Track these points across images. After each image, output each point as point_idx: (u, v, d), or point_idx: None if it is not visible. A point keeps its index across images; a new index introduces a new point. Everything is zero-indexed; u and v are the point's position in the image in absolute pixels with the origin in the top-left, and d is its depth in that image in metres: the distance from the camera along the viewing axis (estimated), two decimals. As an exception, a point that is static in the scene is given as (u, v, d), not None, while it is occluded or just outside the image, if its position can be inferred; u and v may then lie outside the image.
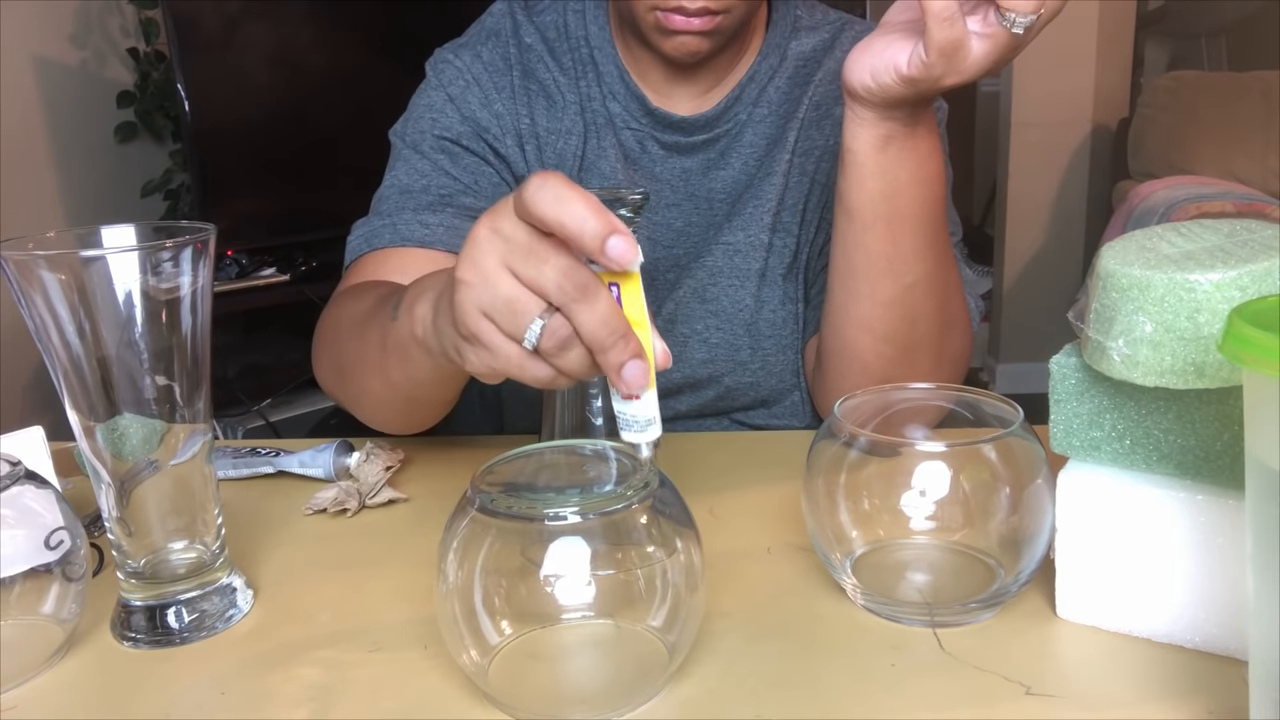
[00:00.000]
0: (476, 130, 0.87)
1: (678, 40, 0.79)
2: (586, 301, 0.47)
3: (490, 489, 0.47)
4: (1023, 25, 0.60)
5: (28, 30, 2.28)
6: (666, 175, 0.89)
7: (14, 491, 0.52)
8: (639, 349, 0.48)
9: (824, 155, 0.88)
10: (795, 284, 0.89)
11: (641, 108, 0.88)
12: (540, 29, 0.90)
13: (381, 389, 0.71)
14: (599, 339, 0.48)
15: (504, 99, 0.88)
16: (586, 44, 0.89)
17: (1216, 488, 0.49)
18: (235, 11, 2.23)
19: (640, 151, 0.89)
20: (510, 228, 0.48)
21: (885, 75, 0.66)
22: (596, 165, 0.88)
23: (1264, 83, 2.82)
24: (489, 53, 0.89)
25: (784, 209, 0.88)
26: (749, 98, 0.88)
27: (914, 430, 0.59)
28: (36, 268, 0.49)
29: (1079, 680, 0.49)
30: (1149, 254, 0.47)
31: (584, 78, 0.89)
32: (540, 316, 0.48)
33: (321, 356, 0.82)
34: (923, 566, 0.57)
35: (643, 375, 0.48)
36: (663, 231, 0.88)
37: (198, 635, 0.56)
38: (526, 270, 0.48)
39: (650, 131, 0.88)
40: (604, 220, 0.46)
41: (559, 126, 0.88)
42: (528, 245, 0.48)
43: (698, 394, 0.90)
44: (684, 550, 0.48)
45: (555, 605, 0.46)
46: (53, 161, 2.37)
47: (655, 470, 0.49)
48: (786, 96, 0.89)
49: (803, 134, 0.88)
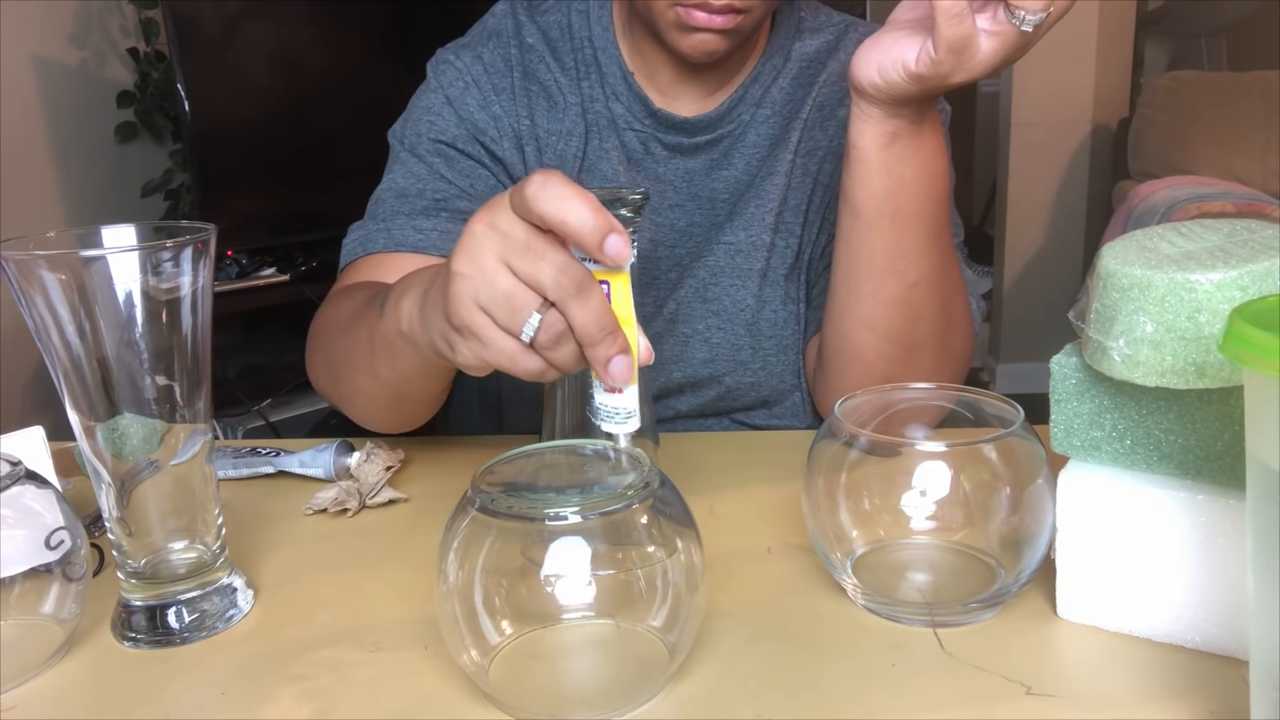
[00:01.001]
0: (473, 133, 0.87)
1: (697, 38, 0.79)
2: (581, 298, 0.49)
3: (490, 489, 0.47)
4: (1031, 23, 0.60)
5: (28, 30, 2.28)
6: (669, 176, 0.89)
7: (14, 491, 0.52)
8: (625, 345, 0.51)
9: (827, 156, 0.88)
10: (797, 284, 0.89)
11: (644, 109, 0.87)
12: (543, 29, 0.90)
13: (370, 386, 0.72)
14: (590, 334, 0.50)
15: (503, 101, 0.88)
16: (590, 44, 0.89)
17: (1217, 488, 0.49)
18: (235, 11, 2.23)
19: (643, 153, 0.89)
20: (508, 223, 0.50)
21: (893, 72, 0.66)
22: (598, 166, 0.88)
23: (1264, 83, 2.82)
24: (490, 54, 0.89)
25: (786, 209, 0.88)
26: (752, 98, 0.88)
27: (914, 430, 0.59)
28: (36, 268, 0.49)
29: (1079, 680, 0.49)
30: (1150, 254, 0.47)
31: (586, 78, 0.89)
32: (538, 311, 0.50)
33: (314, 357, 0.82)
34: (923, 566, 0.57)
35: (628, 370, 0.51)
36: (665, 231, 0.88)
37: (198, 635, 0.56)
38: (524, 266, 0.49)
39: (653, 132, 0.88)
40: (604, 219, 0.48)
41: (560, 128, 0.88)
42: (525, 241, 0.49)
43: (699, 394, 0.90)
44: (684, 550, 0.48)
45: (555, 605, 0.46)
46: (53, 161, 2.37)
47: (656, 470, 0.49)
48: (790, 97, 0.89)
49: (806, 134, 0.88)
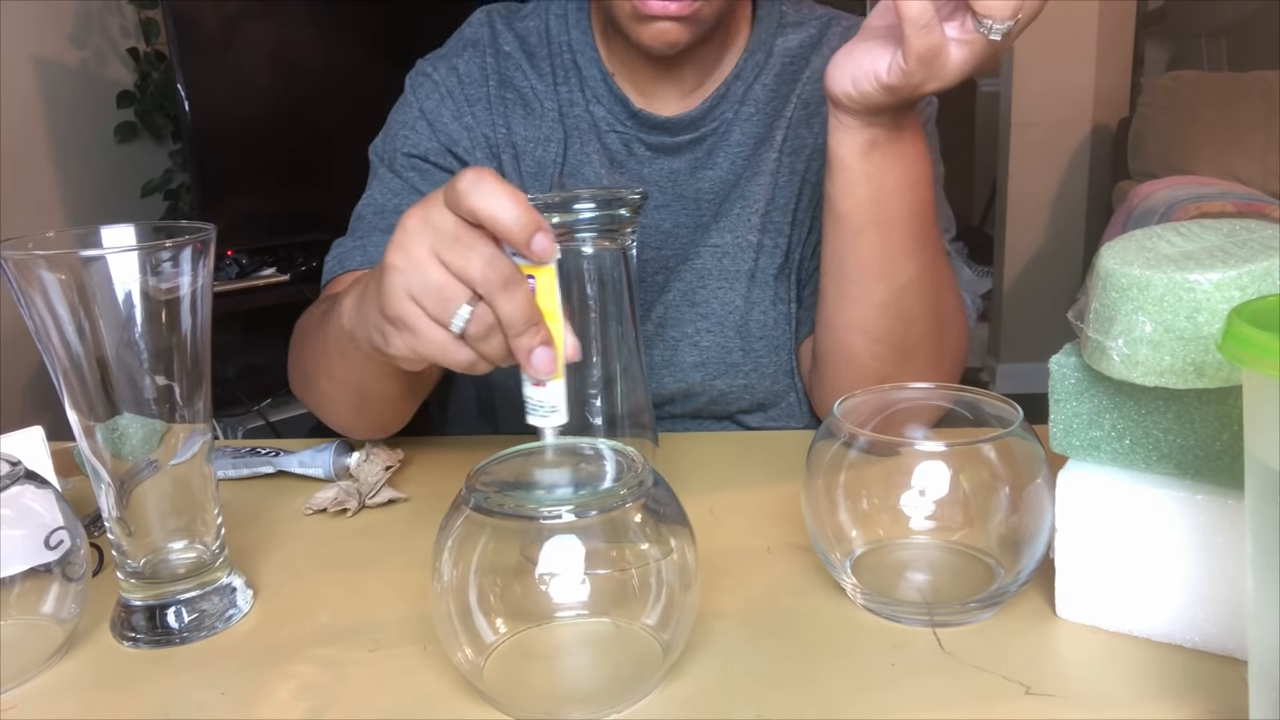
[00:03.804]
0: (447, 145, 0.88)
1: (656, 28, 0.79)
2: (507, 291, 0.51)
3: (485, 487, 0.47)
4: (1000, 31, 0.60)
5: (28, 30, 2.28)
6: (654, 177, 0.88)
7: (14, 491, 0.52)
8: (548, 337, 0.52)
9: (814, 154, 0.87)
10: (786, 285, 0.88)
11: (625, 110, 0.87)
12: (520, 35, 0.90)
13: (331, 388, 0.74)
14: (514, 325, 0.51)
15: (477, 110, 0.88)
16: (569, 49, 0.89)
17: (1216, 487, 0.49)
18: (235, 11, 2.23)
19: (626, 154, 0.88)
20: (439, 218, 0.51)
21: (866, 83, 0.66)
22: (580, 171, 0.88)
23: (1264, 83, 2.82)
24: (465, 64, 0.89)
25: (774, 209, 0.87)
26: (735, 96, 0.88)
27: (914, 430, 0.59)
28: (36, 268, 0.49)
29: (1078, 680, 0.49)
30: (1149, 254, 0.47)
31: (565, 83, 0.89)
32: (468, 304, 0.51)
33: (291, 365, 0.84)
34: (922, 566, 0.57)
35: (550, 362, 0.52)
36: (651, 234, 0.88)
37: (198, 635, 0.56)
38: (454, 258, 0.51)
39: (635, 134, 0.88)
40: (531, 217, 0.50)
41: (537, 134, 0.88)
42: (454, 234, 0.51)
43: (691, 399, 0.89)
44: (678, 548, 0.48)
45: (550, 603, 0.46)
46: (53, 161, 2.37)
47: (649, 469, 0.49)
48: (773, 94, 0.88)
49: (791, 133, 0.87)
